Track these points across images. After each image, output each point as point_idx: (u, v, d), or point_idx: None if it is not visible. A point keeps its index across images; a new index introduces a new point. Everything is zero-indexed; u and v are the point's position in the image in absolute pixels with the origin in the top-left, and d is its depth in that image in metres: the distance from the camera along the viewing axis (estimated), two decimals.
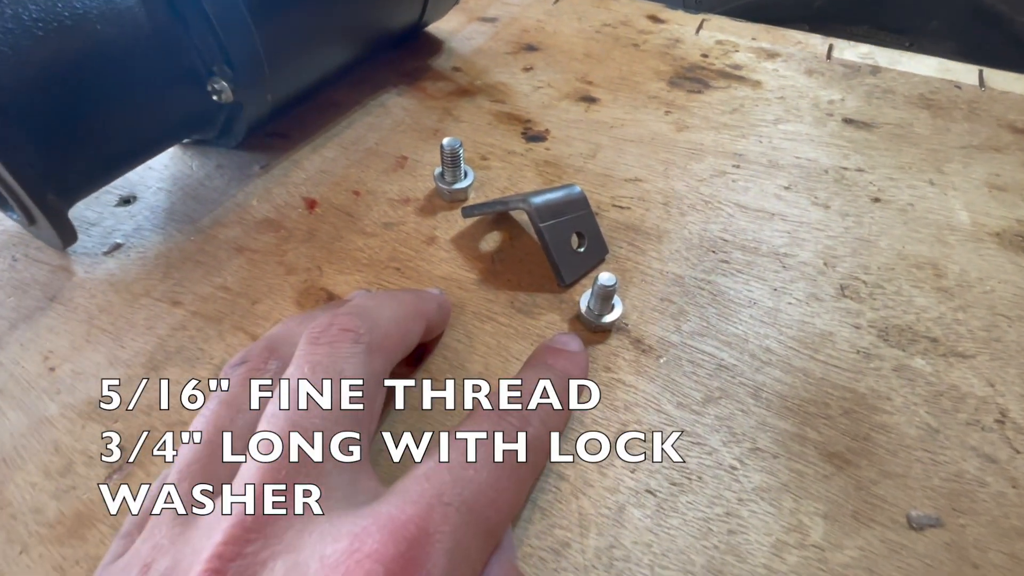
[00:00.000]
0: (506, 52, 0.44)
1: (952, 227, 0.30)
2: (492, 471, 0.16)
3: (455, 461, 0.16)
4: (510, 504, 0.16)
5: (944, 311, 0.26)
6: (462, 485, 0.15)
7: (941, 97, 0.39)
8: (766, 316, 0.26)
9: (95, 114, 0.25)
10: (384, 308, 0.20)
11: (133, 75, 0.26)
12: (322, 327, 0.18)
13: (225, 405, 0.18)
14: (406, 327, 0.21)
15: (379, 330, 0.19)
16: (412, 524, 0.14)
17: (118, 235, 0.30)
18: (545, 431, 0.19)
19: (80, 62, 0.24)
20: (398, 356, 0.20)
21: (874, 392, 0.24)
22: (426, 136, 0.36)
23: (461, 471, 0.16)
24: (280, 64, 0.30)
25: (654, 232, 0.30)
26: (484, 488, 0.15)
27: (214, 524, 0.14)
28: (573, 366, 0.22)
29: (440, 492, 0.15)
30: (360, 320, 0.19)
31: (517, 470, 0.17)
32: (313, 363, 0.17)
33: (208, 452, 0.17)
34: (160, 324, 0.26)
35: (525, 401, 0.19)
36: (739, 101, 0.39)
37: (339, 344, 0.18)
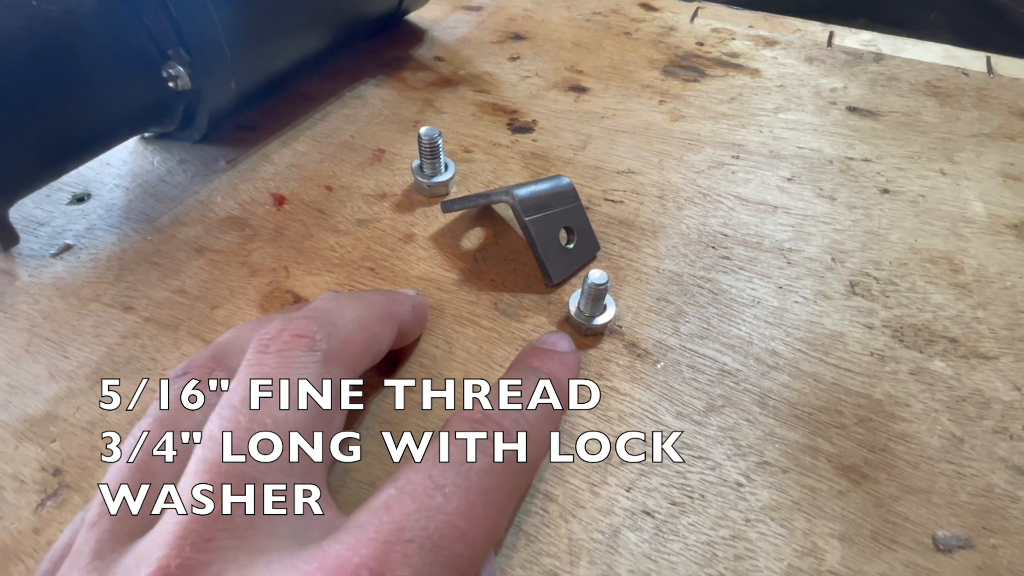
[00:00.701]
0: (492, 41, 0.42)
1: (967, 219, 0.28)
2: (463, 497, 0.14)
3: (419, 486, 0.13)
4: (486, 535, 0.14)
5: (963, 309, 0.24)
6: (427, 516, 0.13)
7: (948, 84, 0.37)
8: (771, 316, 0.24)
9: (34, 103, 0.23)
10: (347, 310, 0.18)
11: (77, 58, 0.23)
12: (272, 333, 0.16)
13: (159, 424, 0.15)
14: (373, 331, 0.18)
15: (339, 335, 0.17)
16: (365, 569, 0.12)
17: (68, 236, 0.28)
18: (529, 445, 0.16)
19: (15, 44, 0.22)
20: (364, 364, 0.18)
21: (891, 398, 0.21)
22: (405, 128, 0.34)
23: (426, 499, 0.13)
24: (244, 49, 0.28)
25: (649, 227, 0.28)
26: (454, 518, 0.13)
27: (134, 570, 0.12)
28: (563, 367, 0.19)
29: (400, 527, 0.12)
30: (317, 324, 0.16)
31: (494, 494, 0.14)
32: (259, 374, 0.15)
33: (137, 480, 0.14)
34: (109, 332, 0.24)
35: (506, 411, 0.16)
36: (737, 90, 0.37)
37: (290, 353, 0.15)
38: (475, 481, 0.14)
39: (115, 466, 0.15)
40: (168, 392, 0.16)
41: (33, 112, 0.23)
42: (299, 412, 0.15)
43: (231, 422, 0.14)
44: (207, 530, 0.12)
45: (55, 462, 0.20)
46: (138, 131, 0.30)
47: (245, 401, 0.14)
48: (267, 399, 0.14)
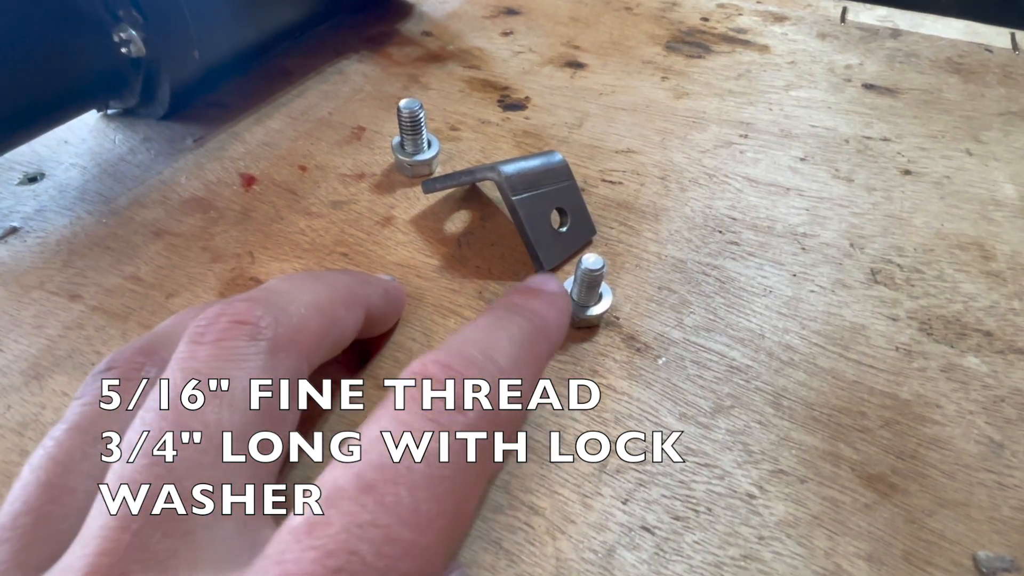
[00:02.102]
0: (483, 16, 0.39)
1: (997, 202, 0.26)
2: (407, 500, 0.11)
3: (348, 492, 0.11)
4: (440, 540, 0.11)
5: (997, 299, 0.22)
6: (358, 532, 0.10)
7: (971, 61, 0.35)
8: (785, 307, 0.22)
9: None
10: (302, 291, 0.15)
11: (16, 20, 0.21)
12: (209, 319, 0.14)
13: (76, 431, 0.13)
14: (333, 315, 0.16)
15: (289, 321, 0.14)
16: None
17: (16, 218, 0.25)
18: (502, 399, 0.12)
19: None
20: (321, 354, 0.15)
21: (920, 398, 0.19)
22: (388, 105, 0.31)
23: (357, 509, 0.10)
24: (207, 13, 0.26)
25: (650, 210, 0.26)
26: (395, 530, 0.10)
27: None
28: (548, 307, 0.16)
29: (325, 552, 0.10)
30: (263, 308, 0.14)
31: (452, 482, 0.11)
32: (189, 371, 0.13)
33: (46, 500, 0.12)
34: (51, 322, 0.21)
35: (471, 359, 0.13)
36: (745, 66, 0.34)
37: (228, 343, 0.13)
38: (420, 472, 0.11)
39: (22, 480, 0.13)
40: (88, 390, 0.14)
41: None
42: (236, 415, 0.12)
43: (153, 428, 0.12)
44: (119, 564, 0.10)
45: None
46: (94, 104, 0.27)
47: (172, 403, 0.12)
48: (196, 400, 0.12)
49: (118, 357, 0.15)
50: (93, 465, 0.13)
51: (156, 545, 0.11)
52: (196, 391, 0.12)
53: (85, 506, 0.12)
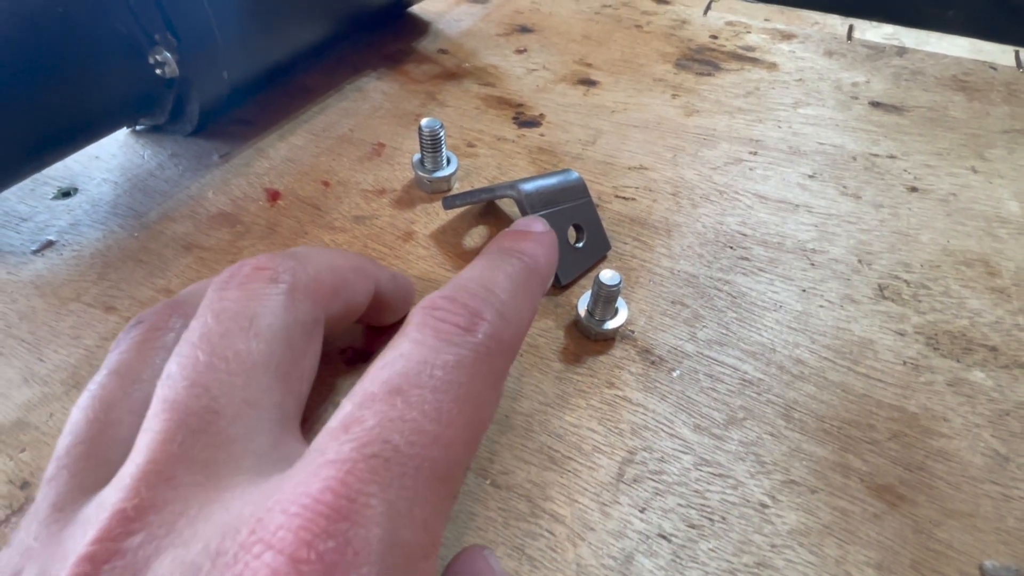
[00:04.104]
0: (498, 34, 0.40)
1: (1002, 219, 0.26)
2: (430, 397, 0.12)
3: (378, 396, 0.12)
4: (463, 435, 0.12)
5: (1002, 315, 0.23)
6: (389, 426, 0.11)
7: (976, 79, 0.35)
8: (795, 321, 0.22)
9: (13, 91, 0.21)
10: (318, 253, 0.17)
11: (57, 43, 0.22)
12: (232, 270, 0.15)
13: (115, 375, 0.14)
14: (344, 276, 0.17)
15: (305, 271, 0.16)
16: (328, 492, 0.10)
17: (52, 231, 0.26)
18: (504, 325, 0.14)
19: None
20: (336, 307, 0.17)
21: (927, 411, 0.20)
22: (406, 122, 0.32)
23: (387, 408, 0.12)
24: (237, 37, 0.27)
25: (663, 226, 0.26)
26: (421, 423, 0.12)
27: (92, 517, 0.11)
28: (538, 245, 0.17)
29: (362, 442, 0.11)
30: (280, 259, 0.15)
31: (468, 386, 0.13)
32: (218, 310, 0.14)
33: (96, 431, 0.14)
34: (89, 333, 0.22)
35: (473, 292, 0.14)
36: (754, 84, 0.35)
37: (251, 285, 0.14)
38: (441, 377, 0.12)
39: (71, 420, 0.14)
40: (123, 341, 0.15)
41: (12, 100, 0.22)
42: (263, 344, 0.14)
43: (190, 359, 0.13)
44: (167, 469, 0.12)
45: (23, 474, 0.18)
46: (126, 122, 0.28)
47: (204, 336, 0.13)
48: (227, 333, 0.13)
49: (147, 314, 0.16)
50: (134, 402, 0.14)
51: (199, 454, 0.12)
52: (227, 324, 0.14)
53: (129, 436, 0.13)
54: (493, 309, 0.14)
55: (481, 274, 0.15)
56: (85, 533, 0.11)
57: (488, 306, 0.14)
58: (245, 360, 0.13)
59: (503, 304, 0.14)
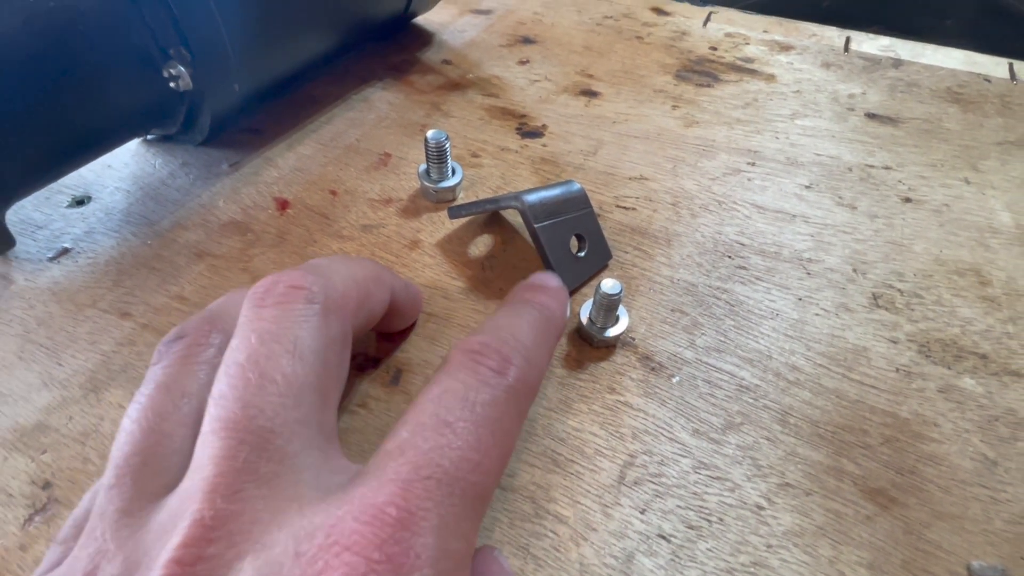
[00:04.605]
0: (500, 45, 0.41)
1: (994, 229, 0.27)
2: (472, 430, 0.14)
3: (429, 426, 0.14)
4: (496, 462, 0.14)
5: (992, 323, 0.23)
6: (440, 453, 0.13)
7: (970, 91, 0.36)
8: (791, 329, 0.23)
9: (33, 103, 0.22)
10: (340, 266, 0.18)
11: (76, 57, 0.23)
12: (267, 286, 0.16)
13: (163, 389, 0.15)
14: (366, 288, 0.18)
15: (335, 288, 0.16)
16: (391, 506, 0.12)
17: (67, 239, 0.27)
18: (528, 369, 0.16)
19: (13, 42, 0.21)
20: (360, 321, 0.18)
21: (919, 417, 0.20)
22: (412, 132, 0.33)
23: (437, 437, 0.13)
24: (247, 50, 0.27)
25: (662, 235, 0.27)
26: (465, 452, 0.13)
27: (169, 524, 0.12)
28: (552, 299, 0.19)
29: (417, 465, 0.13)
30: (312, 276, 0.16)
31: (501, 422, 0.15)
32: (261, 331, 0.15)
33: (152, 442, 0.14)
34: (105, 338, 0.23)
35: (504, 339, 0.16)
36: (752, 95, 0.36)
37: (289, 305, 0.15)
38: (480, 413, 0.14)
39: (125, 431, 0.15)
40: (166, 356, 0.16)
41: (31, 112, 0.22)
42: (306, 367, 0.14)
43: (241, 380, 0.14)
44: (235, 482, 0.12)
45: (45, 475, 0.19)
46: (140, 132, 0.29)
47: (251, 358, 0.14)
48: (273, 355, 0.14)
49: (186, 327, 0.17)
50: (183, 415, 0.15)
51: (262, 468, 0.13)
52: (271, 346, 0.14)
53: (182, 448, 0.14)
54: (520, 355, 0.16)
55: (509, 322, 0.17)
56: (167, 539, 0.12)
57: (516, 353, 0.16)
58: (293, 383, 0.14)
59: (528, 351, 0.16)
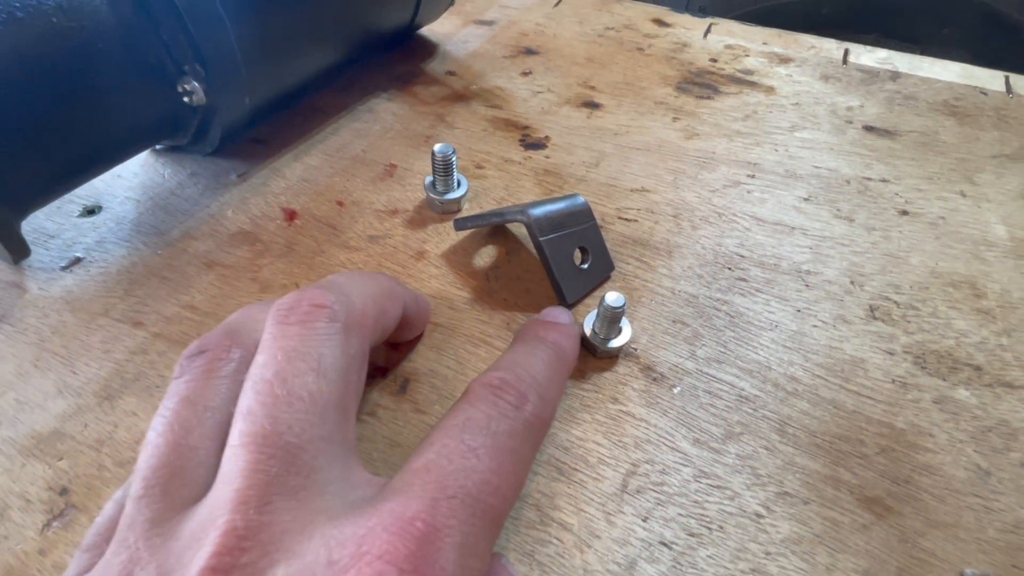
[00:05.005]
0: (504, 56, 0.41)
1: (989, 242, 0.28)
2: (494, 457, 0.15)
3: (455, 450, 0.15)
4: (513, 488, 0.15)
5: (987, 335, 0.24)
6: (464, 475, 0.14)
7: (967, 104, 0.37)
8: (790, 340, 0.24)
9: (50, 117, 0.23)
10: (356, 283, 0.18)
11: (93, 73, 0.23)
12: (290, 304, 0.16)
13: (187, 403, 0.15)
14: (382, 305, 0.19)
15: (354, 306, 0.17)
16: (419, 521, 0.13)
17: (79, 248, 0.28)
18: (543, 405, 0.17)
19: (33, 58, 0.22)
20: (376, 337, 0.18)
21: (914, 427, 0.21)
22: (417, 143, 0.34)
23: (462, 460, 0.14)
24: (258, 64, 0.28)
25: (664, 247, 0.28)
26: (487, 476, 0.14)
27: (200, 534, 0.13)
28: (565, 338, 0.20)
29: (443, 485, 0.14)
30: (333, 295, 0.17)
31: (518, 452, 0.16)
32: (287, 349, 0.15)
33: (179, 455, 0.15)
34: (118, 347, 0.23)
35: (521, 376, 0.17)
36: (752, 107, 0.36)
37: (312, 323, 0.16)
38: (502, 442, 0.15)
39: (151, 443, 0.15)
40: (188, 370, 0.16)
41: (49, 126, 0.23)
42: (330, 385, 0.15)
43: (269, 396, 0.14)
44: (264, 494, 0.13)
45: (62, 481, 0.19)
46: (152, 144, 0.30)
47: (278, 375, 0.15)
48: (299, 373, 0.15)
49: (207, 341, 0.17)
50: (208, 428, 0.15)
51: (290, 481, 0.13)
52: (297, 364, 0.15)
53: (207, 461, 0.15)
54: (535, 392, 0.17)
55: (525, 360, 0.18)
56: (200, 547, 0.12)
57: (532, 389, 0.17)
58: (318, 400, 0.15)
59: (542, 388, 0.17)
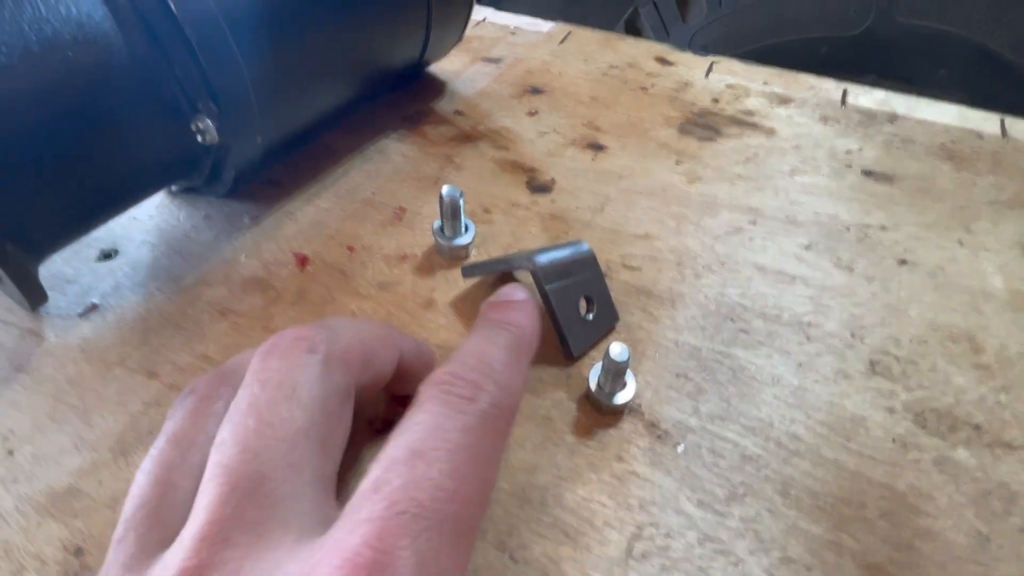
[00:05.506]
0: (510, 95, 0.42)
1: (986, 294, 0.28)
2: (447, 460, 0.14)
3: (401, 460, 0.14)
4: (477, 490, 0.14)
5: (985, 392, 0.24)
6: (415, 487, 0.13)
7: (963, 147, 0.37)
8: (792, 396, 0.24)
9: (67, 155, 0.23)
10: (347, 324, 0.19)
11: (109, 109, 0.24)
12: (274, 340, 0.17)
13: (173, 442, 0.16)
14: (372, 347, 0.19)
15: (339, 343, 0.17)
16: (366, 548, 0.12)
17: (95, 294, 0.28)
18: (502, 393, 0.16)
19: (48, 96, 0.22)
20: (366, 377, 0.18)
21: (915, 490, 0.21)
22: (426, 186, 0.34)
23: (409, 471, 0.13)
24: (270, 102, 0.29)
25: (667, 296, 0.28)
26: (441, 482, 0.13)
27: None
28: (522, 315, 0.20)
29: (392, 502, 0.13)
30: (316, 331, 0.17)
31: (477, 448, 0.15)
32: (264, 379, 0.16)
33: (158, 495, 0.15)
34: (133, 399, 0.24)
35: (472, 366, 0.16)
36: (753, 150, 0.37)
37: (292, 355, 0.16)
38: (454, 441, 0.14)
39: (136, 484, 0.16)
40: (178, 410, 0.17)
41: (66, 165, 0.23)
42: (304, 412, 0.15)
43: (241, 426, 0.15)
44: (223, 530, 0.13)
45: (77, 540, 0.20)
46: (166, 185, 0.30)
47: (252, 405, 0.15)
48: (273, 401, 0.15)
49: (198, 384, 0.18)
50: (190, 467, 0.16)
51: (251, 515, 0.13)
52: (271, 392, 0.15)
53: (187, 499, 0.15)
54: (491, 380, 0.16)
55: (478, 348, 0.18)
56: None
57: (486, 378, 0.16)
58: (289, 427, 0.15)
59: (499, 375, 0.17)
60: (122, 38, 0.24)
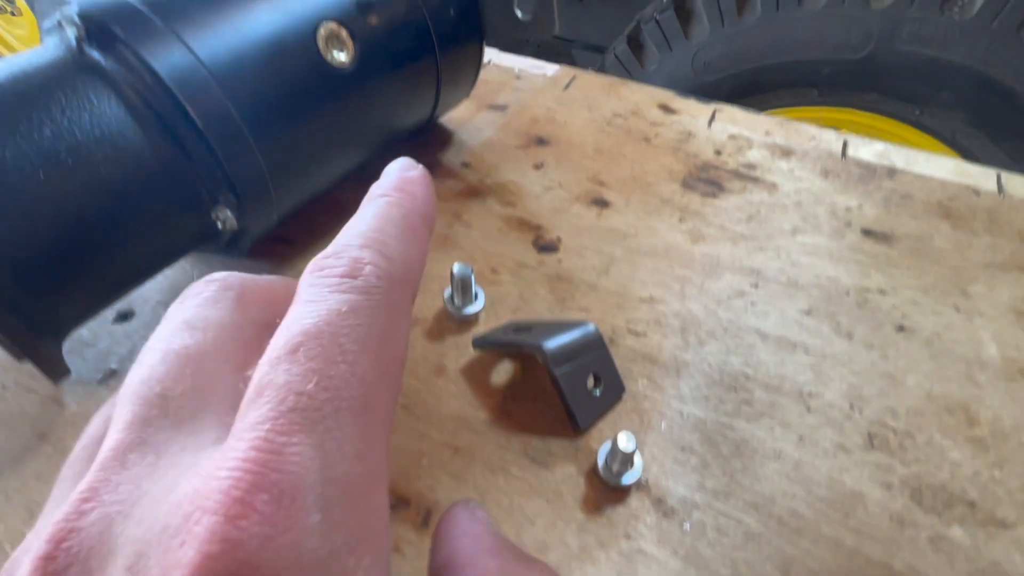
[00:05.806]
0: (516, 146, 0.43)
1: (982, 363, 0.29)
2: (329, 342, 0.13)
3: (283, 356, 0.13)
4: (373, 370, 0.13)
5: (979, 467, 0.25)
6: (301, 380, 0.12)
7: (960, 205, 0.38)
8: (793, 471, 0.25)
9: (94, 252, 0.24)
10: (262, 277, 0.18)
11: (135, 212, 0.25)
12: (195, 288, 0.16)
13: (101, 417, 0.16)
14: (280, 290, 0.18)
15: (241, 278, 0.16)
16: (253, 451, 0.11)
17: (113, 359, 0.29)
18: (388, 262, 0.15)
19: (80, 204, 0.23)
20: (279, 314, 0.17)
21: (911, 569, 0.22)
22: (435, 244, 0.35)
23: (291, 365, 0.12)
24: (286, 184, 0.29)
25: (672, 364, 0.29)
26: (326, 368, 0.12)
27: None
28: (406, 182, 0.18)
29: (277, 399, 0.12)
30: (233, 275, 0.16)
31: (367, 327, 0.13)
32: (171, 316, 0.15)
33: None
34: None
35: (349, 242, 0.15)
36: (755, 207, 0.38)
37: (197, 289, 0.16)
38: (337, 323, 0.13)
39: None
40: None
41: (93, 260, 0.24)
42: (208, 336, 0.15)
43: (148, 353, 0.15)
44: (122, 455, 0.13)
45: None
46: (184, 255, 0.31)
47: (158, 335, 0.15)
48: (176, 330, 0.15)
49: None
50: None
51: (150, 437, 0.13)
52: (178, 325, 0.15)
53: None
54: (372, 251, 0.15)
55: (358, 223, 0.16)
56: (54, 515, 0.12)
57: (367, 250, 0.15)
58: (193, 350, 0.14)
59: (383, 245, 0.15)
60: (149, 146, 0.25)
